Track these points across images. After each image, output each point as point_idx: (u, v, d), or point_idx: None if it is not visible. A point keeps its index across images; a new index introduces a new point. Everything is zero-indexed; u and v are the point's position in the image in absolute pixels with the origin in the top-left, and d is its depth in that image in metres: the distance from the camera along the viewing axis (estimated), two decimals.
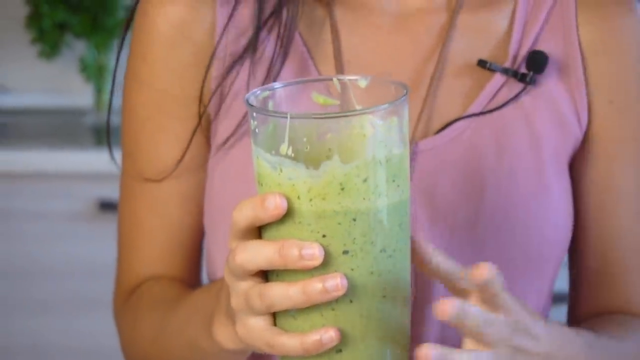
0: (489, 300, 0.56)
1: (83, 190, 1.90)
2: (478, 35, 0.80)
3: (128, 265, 0.82)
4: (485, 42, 0.79)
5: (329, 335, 0.52)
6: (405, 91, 0.55)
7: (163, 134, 0.79)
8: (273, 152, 0.53)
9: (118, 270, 0.83)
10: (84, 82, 2.21)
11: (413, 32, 0.79)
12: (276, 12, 0.75)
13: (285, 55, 0.75)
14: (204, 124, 0.78)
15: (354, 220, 0.52)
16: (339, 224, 0.52)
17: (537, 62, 0.77)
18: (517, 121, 0.76)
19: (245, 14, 0.77)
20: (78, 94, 2.26)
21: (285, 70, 0.75)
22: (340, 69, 0.77)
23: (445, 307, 0.52)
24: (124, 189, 0.83)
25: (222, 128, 0.76)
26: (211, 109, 0.77)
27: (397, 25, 0.79)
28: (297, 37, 0.77)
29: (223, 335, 0.63)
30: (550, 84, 0.78)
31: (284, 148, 0.52)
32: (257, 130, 0.54)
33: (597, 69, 0.79)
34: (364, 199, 0.52)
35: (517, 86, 0.76)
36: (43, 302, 1.95)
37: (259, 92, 0.57)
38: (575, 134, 0.78)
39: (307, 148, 0.53)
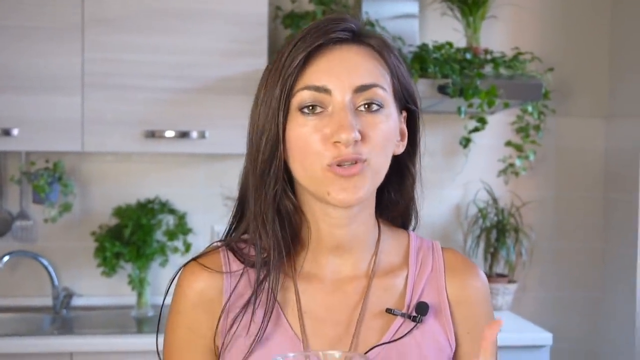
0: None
1: None
2: (385, 292, 0.90)
3: None
4: (390, 297, 0.89)
5: None
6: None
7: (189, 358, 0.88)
8: None
9: None
10: (130, 290, 2.58)
11: (345, 291, 0.90)
12: (263, 283, 0.86)
13: (271, 310, 0.85)
14: (217, 354, 0.88)
15: None
16: None
17: (422, 309, 0.88)
18: (412, 347, 0.87)
19: (241, 285, 0.88)
20: (126, 297, 2.62)
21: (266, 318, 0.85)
22: (300, 317, 0.86)
23: None
24: None
25: (228, 357, 0.87)
26: (220, 344, 0.87)
27: (334, 288, 0.90)
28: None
29: None
30: (430, 322, 0.89)
31: None
32: None
33: (459, 312, 0.91)
34: None
35: (411, 324, 0.87)
36: None
37: (279, 357, 0.69)
38: (448, 354, 0.90)
39: None
